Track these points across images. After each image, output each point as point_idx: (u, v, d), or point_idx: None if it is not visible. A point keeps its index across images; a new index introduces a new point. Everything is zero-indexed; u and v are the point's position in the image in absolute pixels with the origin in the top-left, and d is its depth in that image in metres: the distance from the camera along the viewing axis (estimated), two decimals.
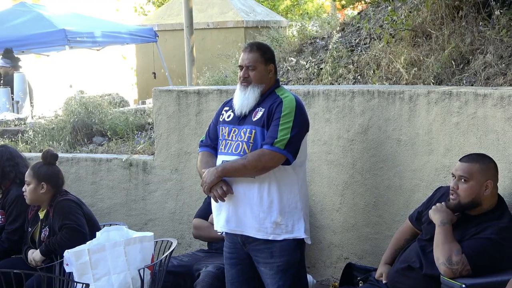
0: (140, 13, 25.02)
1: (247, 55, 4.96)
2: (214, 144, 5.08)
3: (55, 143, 7.90)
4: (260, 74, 4.93)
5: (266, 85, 4.96)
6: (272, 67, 5.00)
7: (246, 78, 4.93)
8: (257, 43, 5.13)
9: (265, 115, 4.85)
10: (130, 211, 7.02)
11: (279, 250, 4.88)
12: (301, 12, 22.96)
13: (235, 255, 5.06)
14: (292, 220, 4.89)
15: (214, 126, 5.13)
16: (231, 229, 4.96)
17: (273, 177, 4.84)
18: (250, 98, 4.91)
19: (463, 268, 4.47)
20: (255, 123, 4.86)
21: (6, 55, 12.40)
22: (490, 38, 6.19)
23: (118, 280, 5.31)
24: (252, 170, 4.78)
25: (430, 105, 5.57)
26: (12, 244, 6.24)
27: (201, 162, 5.06)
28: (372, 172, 5.86)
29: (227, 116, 5.04)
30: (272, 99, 4.90)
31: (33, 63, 18.35)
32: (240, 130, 4.90)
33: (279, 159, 4.77)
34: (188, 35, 13.14)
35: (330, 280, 6.13)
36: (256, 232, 4.88)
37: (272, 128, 4.79)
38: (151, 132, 7.59)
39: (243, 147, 4.85)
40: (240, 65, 4.99)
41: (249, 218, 4.87)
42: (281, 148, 4.74)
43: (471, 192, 4.65)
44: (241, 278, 5.07)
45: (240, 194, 4.86)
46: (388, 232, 5.75)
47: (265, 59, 4.96)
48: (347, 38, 7.69)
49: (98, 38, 14.85)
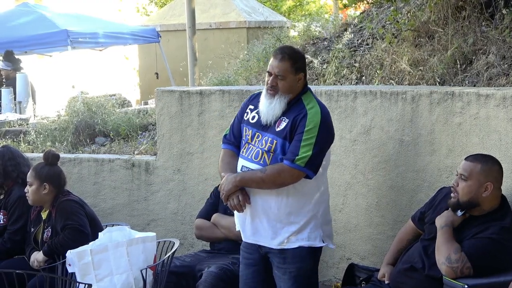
0: (143, 13, 25.03)
1: (277, 62, 4.74)
2: (237, 143, 4.96)
3: (57, 143, 7.91)
4: (289, 85, 4.75)
5: (293, 94, 4.79)
6: (302, 76, 4.81)
7: (274, 86, 4.75)
8: (289, 51, 4.84)
9: (288, 126, 4.72)
10: (132, 211, 7.02)
11: (292, 257, 4.83)
12: (304, 12, 22.94)
13: (251, 256, 5.01)
14: (309, 229, 4.83)
15: (238, 122, 5.00)
16: (247, 239, 4.94)
17: (292, 188, 4.76)
18: (276, 109, 4.76)
19: (463, 266, 4.46)
20: (277, 133, 4.75)
21: (6, 57, 12.40)
22: (493, 38, 6.19)
23: (120, 281, 5.31)
24: (270, 184, 4.72)
25: (433, 105, 5.57)
26: (14, 245, 6.24)
27: (223, 162, 4.97)
28: (375, 172, 5.85)
29: (252, 117, 4.91)
30: (297, 110, 4.75)
31: (35, 64, 18.37)
32: (263, 137, 4.80)
33: (299, 176, 4.69)
34: (190, 35, 13.14)
35: (332, 281, 6.13)
36: (270, 241, 4.84)
37: (294, 143, 4.68)
38: (154, 133, 7.60)
39: (263, 156, 4.76)
40: (269, 71, 4.79)
41: (265, 228, 4.83)
42: (301, 166, 4.64)
43: (469, 191, 4.65)
44: (256, 279, 5.04)
45: (257, 204, 4.80)
46: (391, 233, 5.75)
47: (296, 69, 4.76)
48: (350, 39, 7.69)
49: (100, 39, 14.88)
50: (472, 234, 4.61)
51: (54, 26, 14.26)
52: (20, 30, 14.34)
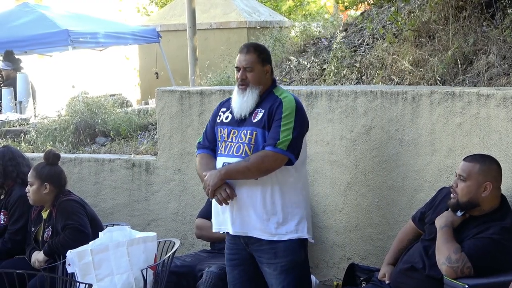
0: (143, 13, 25.03)
1: (244, 56, 4.94)
2: (213, 146, 5.05)
3: (58, 143, 7.91)
4: (258, 76, 4.91)
5: (263, 86, 4.94)
6: (269, 68, 4.98)
7: (244, 79, 4.91)
8: (253, 44, 5.10)
9: (265, 116, 4.84)
10: (133, 211, 7.02)
11: (283, 250, 4.86)
12: (304, 12, 22.94)
13: (237, 256, 5.04)
14: (296, 220, 4.88)
15: (211, 127, 5.11)
16: (236, 232, 4.94)
17: (275, 178, 4.84)
18: (249, 101, 4.89)
19: (463, 266, 4.46)
20: (255, 124, 4.85)
21: (6, 57, 12.39)
22: (493, 38, 6.19)
23: (121, 281, 5.31)
24: (255, 172, 4.77)
25: (433, 105, 5.57)
26: (15, 244, 6.25)
27: (201, 164, 5.03)
28: (375, 172, 5.85)
29: (225, 117, 5.02)
30: (271, 100, 4.89)
31: (36, 64, 18.37)
32: (240, 132, 4.89)
33: (282, 160, 4.77)
34: (191, 35, 13.16)
35: (332, 281, 6.12)
36: (261, 233, 4.86)
37: (274, 129, 4.78)
38: (154, 133, 7.60)
39: (244, 149, 4.83)
40: (237, 67, 4.96)
41: (253, 220, 4.86)
42: (283, 149, 4.73)
43: (468, 191, 4.65)
44: (243, 279, 5.05)
45: (243, 196, 4.84)
46: (391, 233, 5.75)
47: (262, 60, 4.94)
48: (350, 38, 7.68)
49: (101, 39, 14.89)
50: (472, 234, 4.61)
51: (55, 26, 14.27)
52: (20, 30, 14.33)
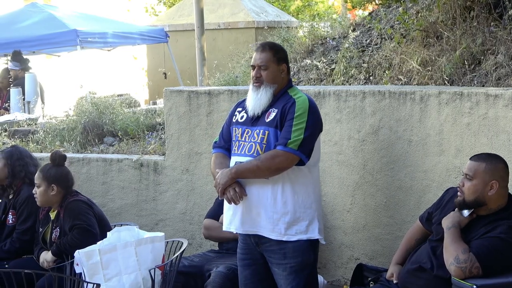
0: (151, 13, 25.02)
1: (259, 54, 4.94)
2: (228, 146, 5.05)
3: (66, 143, 7.92)
4: (273, 74, 4.91)
5: (278, 85, 4.93)
6: (285, 67, 4.97)
7: (259, 77, 4.91)
8: (269, 43, 5.11)
9: (278, 116, 4.83)
10: (140, 211, 7.03)
11: (292, 251, 4.86)
12: (312, 12, 22.92)
13: (248, 256, 5.04)
14: (307, 221, 4.87)
15: (227, 127, 5.11)
16: (245, 230, 4.94)
17: (287, 178, 4.83)
18: (263, 98, 4.89)
19: (472, 266, 4.45)
20: (268, 124, 4.85)
21: (14, 57, 12.40)
22: (501, 38, 6.18)
23: (129, 280, 5.32)
24: (266, 171, 4.77)
25: (441, 105, 5.56)
26: (23, 244, 6.26)
27: (215, 163, 5.04)
28: (383, 172, 5.85)
29: (240, 117, 5.02)
30: (285, 100, 4.88)
31: (44, 64, 18.39)
32: (253, 131, 4.89)
33: (293, 159, 4.76)
34: (199, 35, 13.15)
35: (341, 281, 6.13)
36: (270, 233, 4.86)
37: (286, 128, 4.78)
38: (162, 133, 7.60)
39: (256, 148, 4.83)
40: (252, 65, 4.97)
41: (263, 219, 4.85)
42: (294, 149, 4.73)
43: (474, 190, 4.64)
44: (255, 279, 5.05)
45: (253, 195, 4.84)
46: (399, 233, 5.74)
47: (277, 59, 4.93)
48: (358, 39, 7.68)
49: (109, 39, 14.88)
50: (480, 234, 4.60)
51: (63, 26, 14.27)
52: (28, 30, 14.34)
